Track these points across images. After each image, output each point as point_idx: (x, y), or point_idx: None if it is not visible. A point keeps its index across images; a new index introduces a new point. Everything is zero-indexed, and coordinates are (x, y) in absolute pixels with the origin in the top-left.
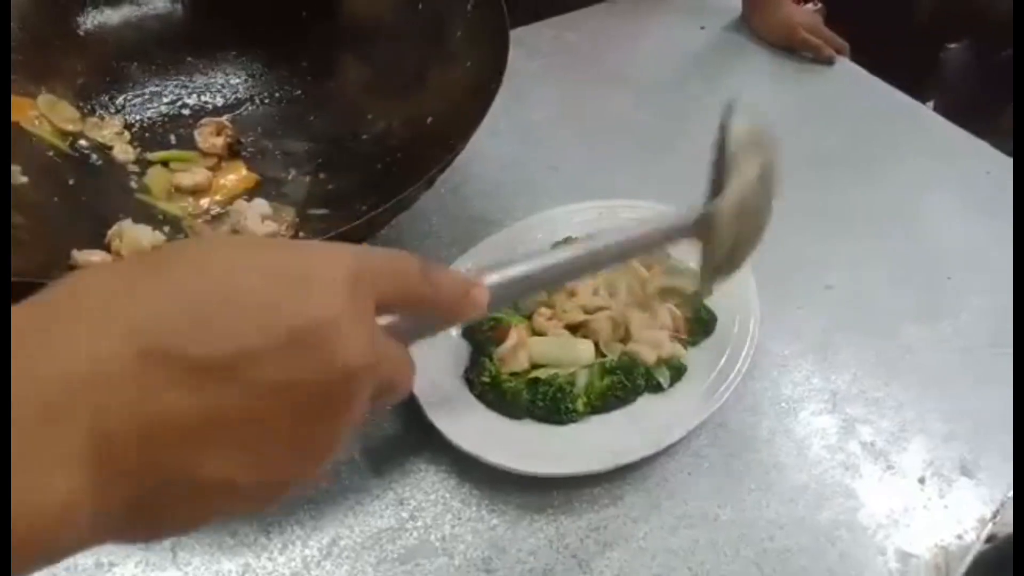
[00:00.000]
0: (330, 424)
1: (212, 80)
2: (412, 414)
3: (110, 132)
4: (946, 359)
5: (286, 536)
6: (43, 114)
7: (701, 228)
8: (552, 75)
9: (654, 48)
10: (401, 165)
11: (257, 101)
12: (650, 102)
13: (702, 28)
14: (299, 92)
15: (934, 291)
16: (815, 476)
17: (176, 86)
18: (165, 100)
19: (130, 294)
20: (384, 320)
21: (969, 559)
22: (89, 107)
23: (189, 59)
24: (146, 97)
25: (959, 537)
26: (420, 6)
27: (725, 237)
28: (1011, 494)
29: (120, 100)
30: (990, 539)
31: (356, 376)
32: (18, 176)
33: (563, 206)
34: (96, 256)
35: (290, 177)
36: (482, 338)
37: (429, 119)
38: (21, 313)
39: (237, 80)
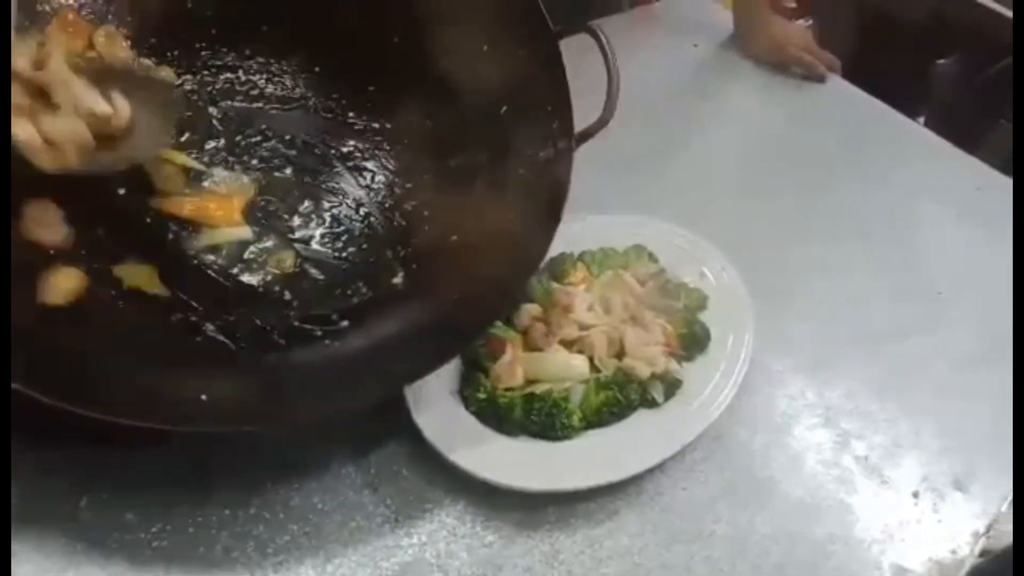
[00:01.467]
0: None
1: (274, 66)
2: (407, 431)
3: None
4: (938, 374)
5: (281, 554)
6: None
7: None
8: None
9: (648, 65)
10: (407, 273)
11: (309, 105)
12: (644, 119)
13: (695, 46)
14: (351, 114)
15: (926, 306)
16: (810, 491)
17: (238, 58)
18: (219, 65)
19: None
20: None
21: (963, 573)
22: (145, 48)
23: (264, 29)
24: (204, 58)
25: (953, 552)
26: (503, 110)
27: None
28: (1004, 508)
29: (177, 52)
30: (983, 553)
31: None
32: None
33: None
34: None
35: (303, 208)
36: (476, 354)
37: (453, 237)
38: None
39: (301, 79)
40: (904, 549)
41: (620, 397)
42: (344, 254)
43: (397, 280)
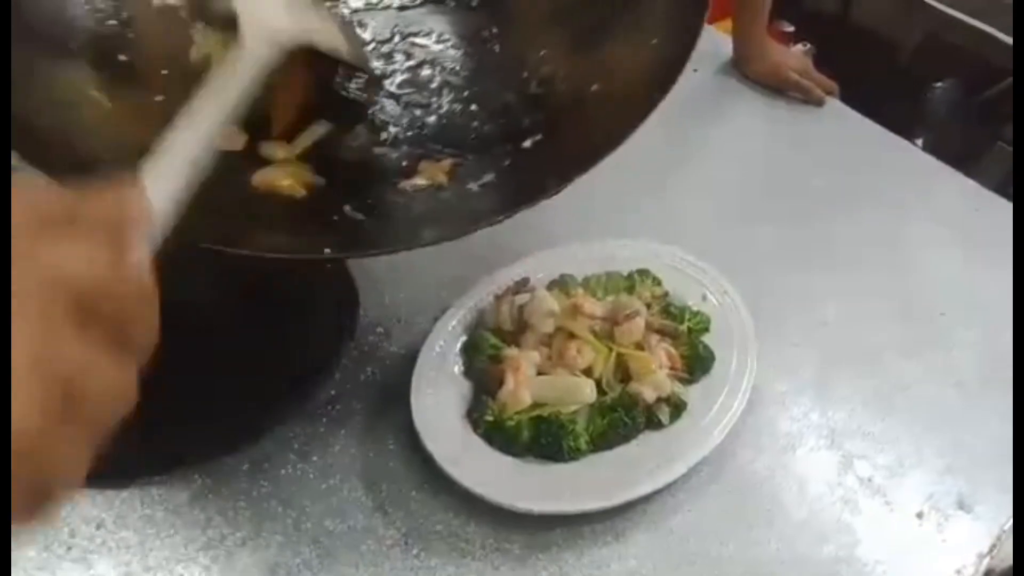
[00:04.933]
0: None
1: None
2: (417, 453)
3: None
4: (940, 394)
5: None
6: None
7: None
8: None
9: None
10: (547, 134)
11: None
12: (643, 143)
13: (695, 70)
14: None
15: (927, 327)
16: (815, 512)
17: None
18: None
19: None
20: None
21: None
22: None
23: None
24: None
25: (958, 572)
26: None
27: None
28: (1008, 527)
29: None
30: (988, 573)
31: None
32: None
33: (559, 246)
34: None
35: (434, 104)
36: (485, 377)
37: (594, 86)
38: None
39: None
40: (909, 569)
41: (626, 419)
42: (481, 129)
43: (527, 144)
